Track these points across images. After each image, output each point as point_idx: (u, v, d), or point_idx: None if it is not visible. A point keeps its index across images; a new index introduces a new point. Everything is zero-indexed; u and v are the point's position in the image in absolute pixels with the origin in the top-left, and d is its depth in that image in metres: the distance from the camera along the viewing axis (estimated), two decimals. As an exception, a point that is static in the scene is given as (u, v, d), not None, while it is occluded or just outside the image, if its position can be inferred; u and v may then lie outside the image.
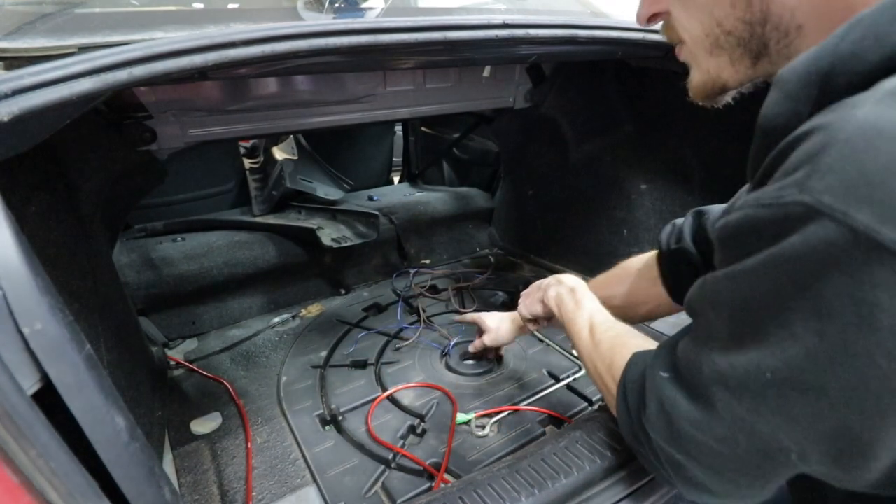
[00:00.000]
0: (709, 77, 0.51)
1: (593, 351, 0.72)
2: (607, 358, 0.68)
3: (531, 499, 0.67)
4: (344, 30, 0.63)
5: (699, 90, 0.54)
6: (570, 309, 0.81)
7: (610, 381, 0.65)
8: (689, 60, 0.53)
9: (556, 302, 0.85)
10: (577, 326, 0.77)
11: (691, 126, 1.31)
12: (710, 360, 0.43)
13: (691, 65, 0.53)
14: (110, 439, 0.39)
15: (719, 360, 0.42)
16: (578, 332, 0.76)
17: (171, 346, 1.30)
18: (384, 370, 1.15)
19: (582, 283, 0.87)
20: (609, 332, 0.72)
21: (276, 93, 1.18)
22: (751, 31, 0.44)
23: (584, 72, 1.47)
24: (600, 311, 0.78)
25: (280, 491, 0.85)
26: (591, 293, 0.84)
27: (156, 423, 0.95)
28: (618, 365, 0.64)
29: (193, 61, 0.54)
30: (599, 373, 0.69)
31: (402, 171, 2.43)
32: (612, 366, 0.66)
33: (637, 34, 0.91)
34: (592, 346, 0.72)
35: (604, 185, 1.51)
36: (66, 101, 0.45)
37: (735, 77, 0.49)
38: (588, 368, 0.73)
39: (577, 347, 0.77)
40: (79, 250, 0.82)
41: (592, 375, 0.72)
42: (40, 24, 0.79)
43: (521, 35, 0.76)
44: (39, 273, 0.38)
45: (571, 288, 0.84)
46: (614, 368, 0.64)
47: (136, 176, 1.08)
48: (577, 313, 0.79)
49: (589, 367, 0.73)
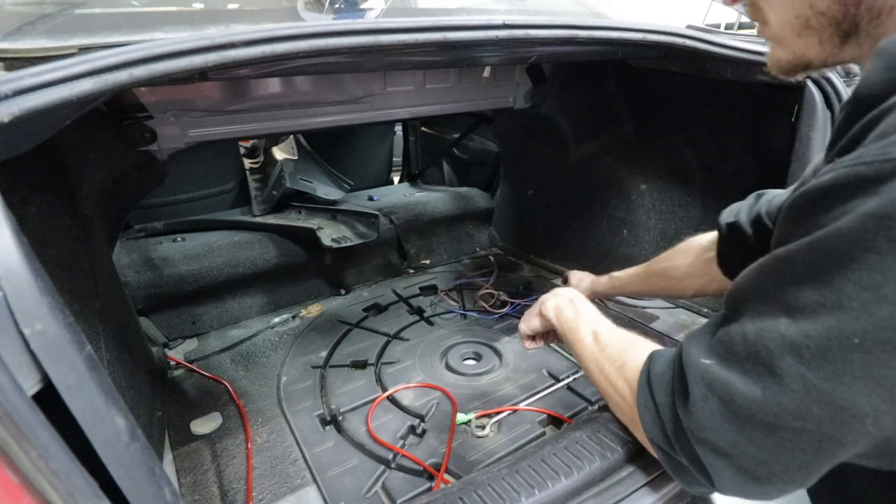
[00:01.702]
0: (794, 56, 0.52)
1: (599, 354, 0.71)
2: (617, 360, 0.67)
3: (531, 499, 0.67)
4: (344, 30, 0.63)
5: (782, 67, 0.55)
6: (569, 318, 0.82)
7: (621, 382, 0.65)
8: (772, 40, 0.54)
9: (554, 313, 0.85)
10: (580, 333, 0.77)
11: (691, 126, 1.31)
12: (777, 335, 0.43)
13: (775, 45, 0.54)
14: (110, 440, 0.39)
15: (790, 331, 0.42)
16: (581, 339, 0.76)
17: (171, 346, 1.30)
18: (384, 370, 1.15)
19: (580, 295, 0.88)
20: (615, 337, 0.72)
21: (276, 93, 1.18)
22: (844, 11, 0.45)
23: (584, 72, 1.48)
24: (602, 318, 0.79)
25: (280, 491, 0.85)
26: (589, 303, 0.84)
27: (156, 424, 0.95)
28: (631, 365, 0.63)
29: (193, 62, 0.54)
30: (607, 375, 0.68)
31: (402, 171, 2.44)
32: (623, 366, 0.65)
33: (637, 34, 0.91)
34: (598, 350, 0.72)
35: (604, 185, 1.52)
36: (67, 102, 0.45)
37: (821, 56, 0.50)
38: (592, 372, 0.72)
39: (579, 354, 0.77)
40: (79, 250, 0.82)
41: (597, 379, 0.71)
42: (40, 24, 0.79)
43: (520, 35, 0.76)
44: (40, 273, 0.38)
45: (569, 299, 0.86)
46: (627, 369, 0.64)
47: (136, 176, 1.08)
48: (578, 321, 0.80)
49: (593, 371, 0.72)
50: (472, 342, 1.25)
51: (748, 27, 2.55)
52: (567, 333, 0.81)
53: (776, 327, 0.43)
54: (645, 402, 0.59)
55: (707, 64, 1.10)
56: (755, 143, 1.19)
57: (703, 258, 0.94)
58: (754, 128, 1.19)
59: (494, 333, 1.28)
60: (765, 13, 0.52)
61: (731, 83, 1.12)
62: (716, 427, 0.48)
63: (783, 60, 0.53)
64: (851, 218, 0.37)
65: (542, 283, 1.58)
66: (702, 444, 0.50)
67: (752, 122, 1.19)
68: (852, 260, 0.37)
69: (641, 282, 1.09)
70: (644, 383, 0.59)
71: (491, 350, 1.21)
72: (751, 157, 1.21)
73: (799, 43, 0.50)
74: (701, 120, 1.29)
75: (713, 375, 0.49)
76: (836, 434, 0.42)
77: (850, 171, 0.38)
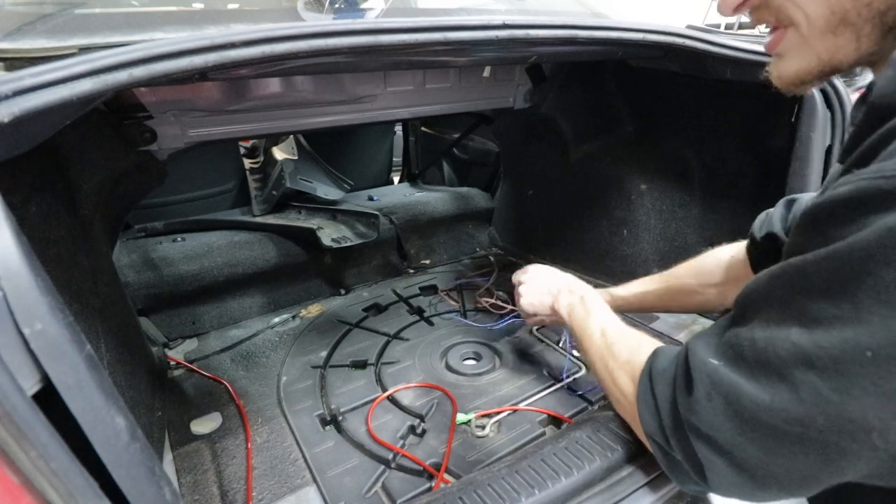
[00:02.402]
0: (819, 61, 0.49)
1: (605, 350, 0.72)
2: (623, 355, 0.68)
3: (531, 499, 0.67)
4: (344, 30, 0.63)
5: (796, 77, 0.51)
6: (580, 316, 0.84)
7: (625, 377, 0.66)
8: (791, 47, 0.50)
9: (567, 310, 0.88)
10: (589, 331, 0.79)
11: (691, 126, 1.31)
12: (789, 343, 0.43)
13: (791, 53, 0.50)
14: (110, 439, 0.39)
15: (802, 341, 0.42)
16: (590, 336, 0.77)
17: (171, 346, 1.30)
18: (384, 370, 1.15)
19: (592, 291, 0.89)
20: (623, 335, 0.73)
21: (276, 93, 1.18)
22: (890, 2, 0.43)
23: (584, 72, 1.48)
24: (612, 317, 0.80)
25: (280, 491, 0.85)
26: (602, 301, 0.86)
27: (156, 424, 0.95)
28: (637, 360, 0.64)
29: (193, 62, 0.54)
30: (611, 370, 0.69)
31: (402, 171, 2.44)
32: (629, 361, 0.66)
33: (637, 34, 0.90)
34: (605, 347, 0.73)
35: (604, 185, 1.52)
36: (67, 102, 0.45)
37: (852, 56, 0.47)
38: (597, 368, 0.74)
39: (586, 351, 0.78)
40: (79, 250, 0.82)
41: (602, 374, 0.72)
42: (40, 24, 0.79)
43: (520, 35, 0.76)
44: (40, 273, 0.38)
45: (581, 296, 0.87)
46: (633, 364, 0.65)
47: (137, 176, 1.08)
48: (588, 320, 0.81)
49: (599, 367, 0.73)
50: (472, 342, 1.25)
51: (748, 27, 2.56)
52: (577, 331, 0.83)
53: (788, 336, 0.43)
54: (644, 396, 0.59)
55: (707, 64, 1.10)
56: (755, 143, 1.19)
57: (735, 272, 0.89)
58: (754, 128, 1.19)
59: (494, 333, 1.28)
60: (790, 13, 0.48)
61: (731, 83, 1.12)
62: (718, 425, 0.48)
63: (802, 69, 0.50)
64: (871, 231, 0.37)
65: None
66: (701, 440, 0.50)
67: (752, 122, 1.19)
68: (870, 274, 0.37)
69: (658, 299, 1.01)
70: (646, 378, 0.60)
71: (491, 350, 1.21)
72: (751, 157, 1.21)
73: (828, 43, 0.47)
74: (701, 120, 1.29)
75: (720, 376, 0.48)
76: (840, 444, 0.42)
77: (870, 184, 0.38)
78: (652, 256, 1.44)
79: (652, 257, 1.44)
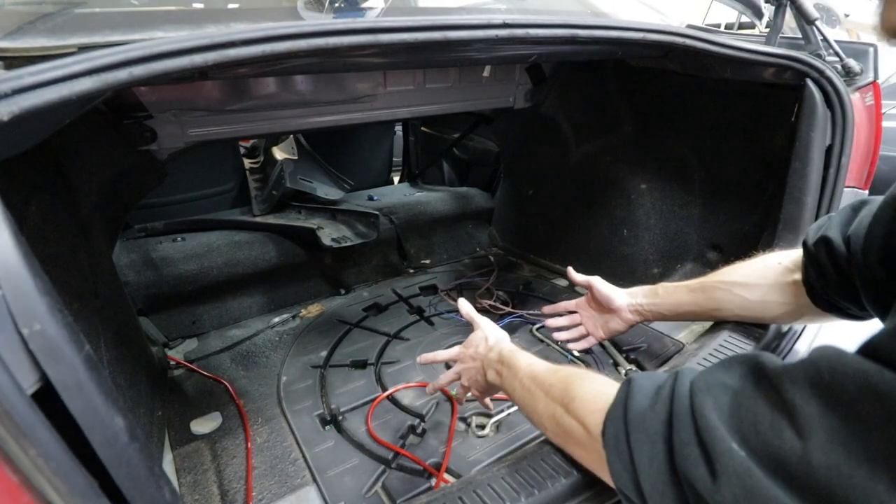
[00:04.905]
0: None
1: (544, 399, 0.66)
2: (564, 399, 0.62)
3: (531, 499, 0.67)
4: (344, 30, 0.63)
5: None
6: (506, 377, 0.76)
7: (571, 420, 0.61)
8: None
9: (498, 381, 0.79)
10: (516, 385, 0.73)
11: (691, 126, 1.31)
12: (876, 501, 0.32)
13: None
14: (110, 439, 0.39)
15: None
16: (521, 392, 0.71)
17: (171, 346, 1.30)
18: (384, 370, 1.15)
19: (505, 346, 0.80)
20: (557, 375, 0.67)
21: (276, 93, 1.18)
22: None
23: (584, 72, 1.48)
24: (537, 361, 0.74)
25: (280, 491, 0.85)
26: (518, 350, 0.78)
27: (156, 423, 0.95)
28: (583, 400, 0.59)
29: (193, 61, 0.54)
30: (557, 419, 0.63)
31: (402, 171, 2.44)
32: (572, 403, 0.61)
33: (637, 34, 0.90)
34: (543, 395, 0.67)
35: (604, 185, 1.52)
36: (66, 101, 0.45)
37: None
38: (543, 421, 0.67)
39: (524, 407, 0.72)
40: (79, 250, 0.82)
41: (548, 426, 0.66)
42: (40, 23, 0.79)
43: (521, 35, 0.76)
44: (39, 273, 0.38)
45: (498, 358, 0.79)
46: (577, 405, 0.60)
47: (136, 176, 1.08)
48: (514, 380, 0.74)
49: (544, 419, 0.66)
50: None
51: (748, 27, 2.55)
52: (509, 392, 0.75)
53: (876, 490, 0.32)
54: (616, 444, 0.50)
55: (707, 64, 1.10)
56: (755, 143, 1.19)
57: (785, 281, 0.80)
58: (754, 128, 1.18)
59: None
60: None
61: (731, 83, 1.12)
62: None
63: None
64: None
65: (541, 283, 1.58)
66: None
67: (752, 122, 1.19)
68: None
69: (694, 308, 0.91)
70: (619, 421, 0.51)
71: (491, 350, 1.21)
72: (751, 157, 1.21)
73: None
74: (701, 120, 1.29)
75: (756, 483, 0.38)
76: None
77: None
78: (652, 256, 1.44)
79: (652, 257, 1.44)
